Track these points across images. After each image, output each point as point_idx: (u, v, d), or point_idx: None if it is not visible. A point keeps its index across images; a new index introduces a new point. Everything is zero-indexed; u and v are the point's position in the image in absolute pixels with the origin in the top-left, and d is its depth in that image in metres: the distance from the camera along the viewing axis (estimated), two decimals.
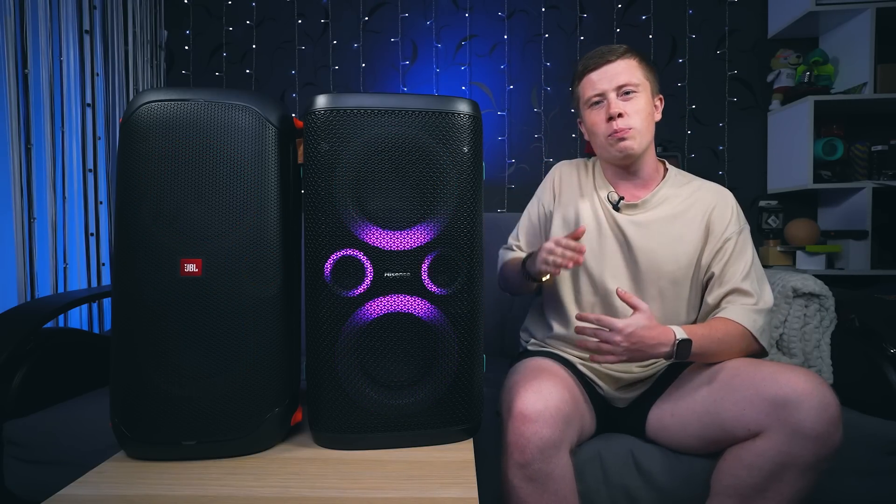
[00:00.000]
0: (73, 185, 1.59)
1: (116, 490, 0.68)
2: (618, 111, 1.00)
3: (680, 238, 1.02)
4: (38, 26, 1.47)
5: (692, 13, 2.13)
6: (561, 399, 0.85)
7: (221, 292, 0.75)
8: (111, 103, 1.77)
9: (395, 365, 0.80)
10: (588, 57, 1.05)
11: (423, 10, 2.16)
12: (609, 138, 1.02)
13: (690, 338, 0.90)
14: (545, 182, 1.19)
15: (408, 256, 0.79)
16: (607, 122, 1.01)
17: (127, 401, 0.75)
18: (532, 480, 0.83)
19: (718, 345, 0.93)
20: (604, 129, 1.02)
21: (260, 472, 0.73)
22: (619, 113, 1.00)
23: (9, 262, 1.41)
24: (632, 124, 1.00)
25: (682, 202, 1.05)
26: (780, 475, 0.81)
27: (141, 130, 0.75)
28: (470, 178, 0.81)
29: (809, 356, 1.23)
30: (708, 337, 0.93)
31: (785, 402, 0.80)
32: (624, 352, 0.89)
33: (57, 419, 1.05)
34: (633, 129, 1.00)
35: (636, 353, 0.90)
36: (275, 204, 0.78)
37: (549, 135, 2.16)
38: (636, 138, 1.00)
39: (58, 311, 1.17)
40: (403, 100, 0.79)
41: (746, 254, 1.01)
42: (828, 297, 1.24)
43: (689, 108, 2.14)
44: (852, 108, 1.94)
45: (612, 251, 1.05)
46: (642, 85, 1.01)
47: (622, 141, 1.00)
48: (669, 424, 0.96)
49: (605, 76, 1.01)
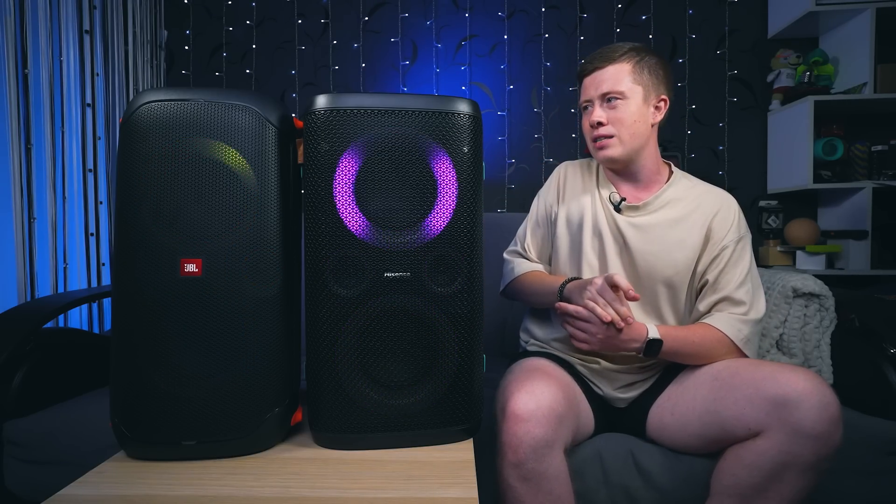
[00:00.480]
0: (73, 185, 1.59)
1: (116, 490, 0.68)
2: (598, 120, 1.02)
3: (680, 243, 1.01)
4: (38, 26, 1.47)
5: (692, 13, 2.13)
6: (553, 399, 0.85)
7: (221, 292, 0.75)
8: (111, 103, 1.77)
9: (395, 365, 0.80)
10: (586, 60, 1.06)
11: (423, 10, 2.16)
12: (592, 144, 1.06)
13: (662, 338, 0.94)
14: (549, 182, 1.18)
15: (408, 256, 0.79)
16: (591, 129, 1.04)
17: (127, 401, 0.75)
18: (526, 480, 0.83)
19: (694, 348, 0.96)
20: (589, 135, 1.06)
21: (260, 472, 0.73)
22: (600, 121, 1.02)
23: (9, 262, 1.41)
24: (612, 132, 1.01)
25: (685, 206, 1.04)
26: (781, 475, 0.81)
27: (141, 130, 0.75)
28: (470, 178, 0.81)
29: (809, 356, 1.23)
30: (683, 339, 0.96)
31: (785, 401, 0.80)
32: (597, 342, 0.94)
33: (57, 419, 1.05)
34: (613, 137, 1.02)
35: (607, 345, 0.95)
36: (275, 204, 0.78)
37: (549, 135, 2.16)
38: (617, 147, 1.02)
39: (58, 311, 1.17)
40: (403, 100, 0.79)
41: (743, 262, 1.01)
42: (828, 297, 1.24)
43: (689, 108, 2.14)
44: (852, 108, 1.94)
45: (611, 253, 1.05)
46: (631, 91, 1.00)
47: (602, 150, 1.04)
48: (669, 424, 0.97)
49: (593, 83, 1.03)
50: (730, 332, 0.96)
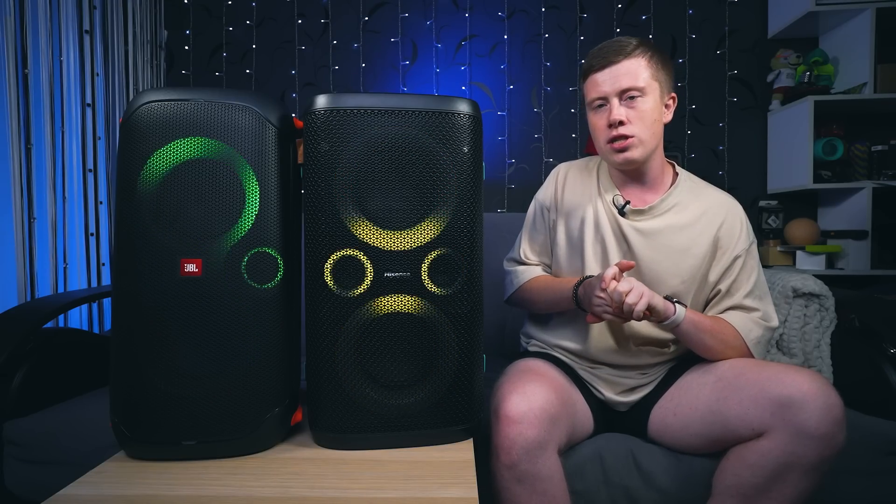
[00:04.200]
0: (73, 185, 1.59)
1: (116, 490, 0.68)
2: (619, 118, 0.94)
3: (685, 251, 0.99)
4: (38, 26, 1.47)
5: (692, 13, 2.13)
6: (546, 400, 0.85)
7: (221, 292, 0.75)
8: (111, 103, 1.77)
9: (395, 365, 0.80)
10: (594, 54, 0.98)
11: (423, 10, 2.16)
12: (609, 145, 0.98)
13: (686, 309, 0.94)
14: (546, 186, 1.14)
15: (408, 256, 0.79)
16: (608, 128, 0.96)
17: (127, 401, 0.75)
18: (520, 482, 0.83)
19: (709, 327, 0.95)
20: (605, 135, 0.98)
21: (260, 472, 0.73)
22: (621, 120, 0.94)
23: (9, 262, 1.41)
24: (634, 132, 0.94)
25: (691, 212, 1.01)
26: (784, 475, 0.81)
27: (141, 130, 0.75)
28: (470, 178, 0.81)
29: (809, 356, 1.23)
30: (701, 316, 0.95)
31: (790, 402, 0.80)
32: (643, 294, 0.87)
33: (57, 419, 1.05)
34: (634, 137, 0.94)
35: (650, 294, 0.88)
36: (275, 204, 0.78)
37: (549, 135, 2.16)
38: (638, 147, 0.95)
39: (58, 311, 1.17)
40: (403, 100, 0.79)
41: (754, 271, 1.01)
42: (828, 297, 1.24)
43: (689, 108, 2.14)
44: (852, 108, 1.94)
45: (614, 259, 1.01)
46: (650, 87, 0.94)
47: (623, 151, 0.96)
48: (672, 424, 0.96)
49: (609, 78, 0.95)
50: (741, 329, 0.96)
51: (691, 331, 0.94)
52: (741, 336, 0.96)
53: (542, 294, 1.07)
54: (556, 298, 1.04)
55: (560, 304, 1.04)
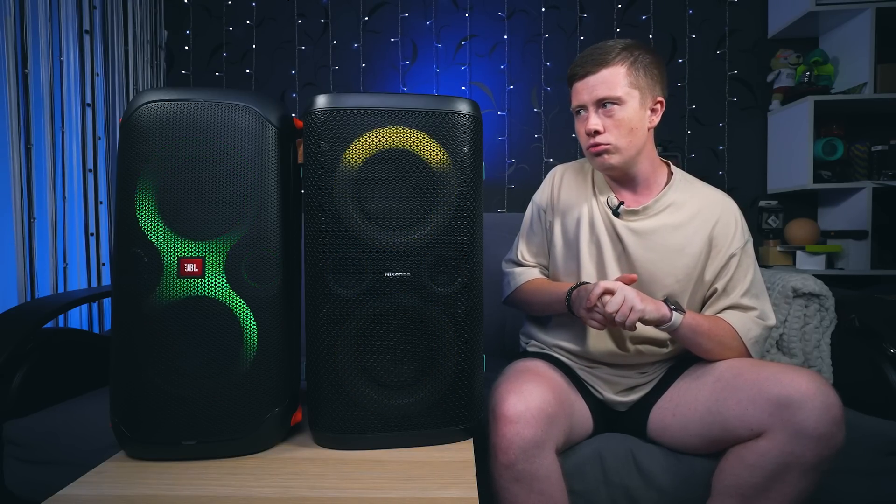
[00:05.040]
0: (73, 185, 1.59)
1: (116, 490, 0.68)
2: (594, 128, 0.96)
3: (680, 250, 0.99)
4: (38, 26, 1.47)
5: (692, 13, 2.13)
6: (543, 400, 0.85)
7: (221, 292, 0.75)
8: (111, 103, 1.77)
9: (395, 365, 0.80)
10: (576, 62, 1.00)
11: (423, 10, 2.16)
12: (588, 151, 1.01)
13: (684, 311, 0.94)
14: (542, 188, 1.15)
15: (408, 256, 0.79)
16: (586, 135, 0.99)
17: (127, 401, 0.75)
18: (518, 481, 0.84)
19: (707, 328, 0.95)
20: (584, 141, 1.01)
21: (260, 472, 0.73)
22: (597, 129, 0.96)
23: (9, 262, 1.41)
24: (610, 140, 0.96)
25: (686, 211, 1.01)
26: (782, 475, 0.81)
27: (141, 130, 0.75)
28: (470, 178, 0.81)
29: (809, 356, 1.23)
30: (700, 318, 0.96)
31: (788, 402, 0.80)
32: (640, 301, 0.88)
33: (57, 419, 1.05)
34: (610, 144, 0.96)
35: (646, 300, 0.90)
36: (275, 204, 0.78)
37: (549, 135, 2.16)
38: (614, 154, 0.97)
39: (58, 311, 1.17)
40: (403, 100, 0.79)
41: (750, 269, 1.01)
42: (828, 297, 1.24)
43: (689, 108, 2.14)
44: (852, 108, 1.94)
45: (609, 259, 1.02)
46: (628, 95, 0.95)
47: (598, 157, 0.99)
48: (671, 424, 0.96)
49: (586, 88, 0.97)
50: (740, 329, 0.96)
51: (689, 335, 0.94)
52: (739, 336, 0.96)
53: (538, 297, 1.08)
54: (550, 301, 1.05)
55: (554, 308, 1.05)
